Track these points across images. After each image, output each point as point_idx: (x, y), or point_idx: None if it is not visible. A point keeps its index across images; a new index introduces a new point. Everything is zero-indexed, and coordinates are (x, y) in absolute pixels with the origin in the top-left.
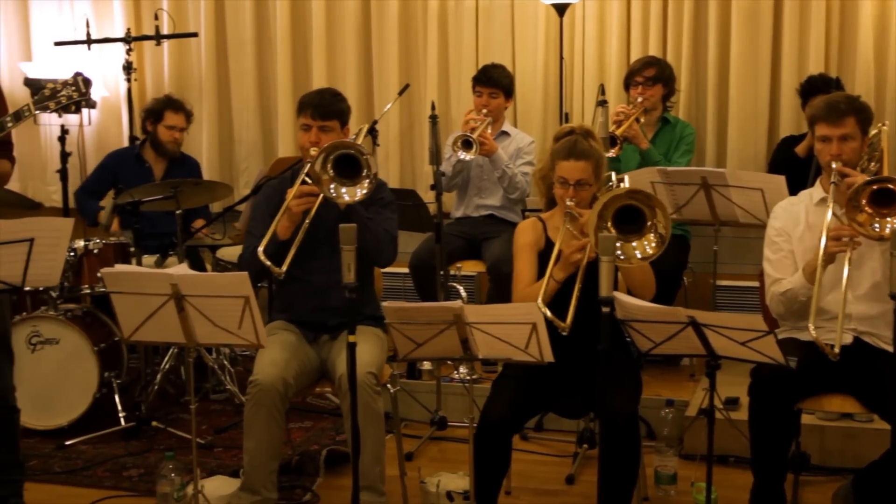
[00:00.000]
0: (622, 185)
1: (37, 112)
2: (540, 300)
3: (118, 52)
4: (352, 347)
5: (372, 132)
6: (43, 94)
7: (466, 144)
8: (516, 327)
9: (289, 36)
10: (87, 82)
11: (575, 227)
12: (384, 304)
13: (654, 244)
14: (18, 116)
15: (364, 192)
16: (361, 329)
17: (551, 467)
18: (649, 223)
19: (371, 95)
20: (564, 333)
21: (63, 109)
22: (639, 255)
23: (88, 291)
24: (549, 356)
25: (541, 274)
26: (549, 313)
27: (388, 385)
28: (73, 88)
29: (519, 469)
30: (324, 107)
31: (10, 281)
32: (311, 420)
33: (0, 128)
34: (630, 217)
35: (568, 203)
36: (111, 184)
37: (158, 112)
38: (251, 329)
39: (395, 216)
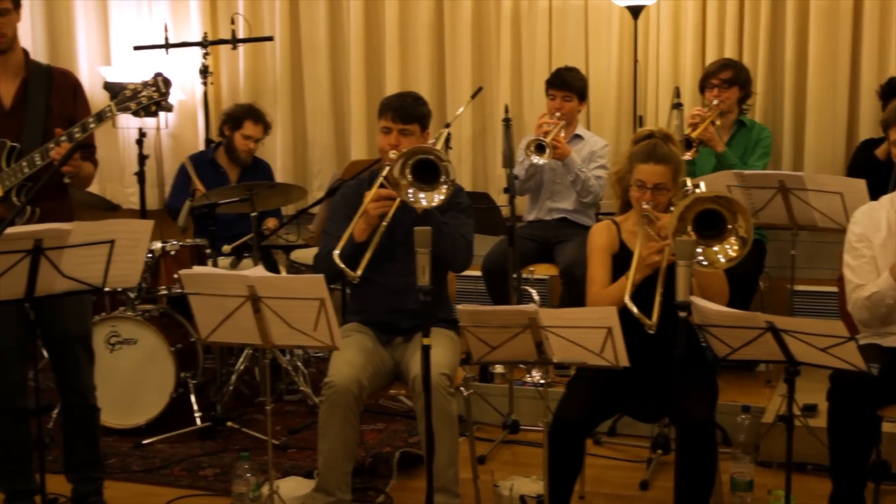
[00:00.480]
0: (698, 190)
1: (118, 113)
2: (627, 297)
3: (195, 55)
4: (426, 350)
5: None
6: (124, 94)
7: (539, 148)
8: (592, 331)
9: (362, 39)
10: (167, 83)
11: (652, 229)
12: (459, 307)
13: (735, 247)
14: (101, 117)
15: (441, 198)
16: (435, 332)
17: (625, 472)
18: (730, 227)
19: (444, 98)
20: (651, 332)
21: (143, 110)
22: (722, 259)
23: (165, 292)
24: (624, 361)
25: (615, 277)
26: (635, 309)
27: (462, 388)
28: (154, 89)
29: (592, 474)
30: (405, 110)
31: (91, 282)
32: (384, 422)
33: (83, 128)
34: (710, 222)
35: (645, 206)
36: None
37: (238, 119)
38: (326, 331)
39: (472, 221)
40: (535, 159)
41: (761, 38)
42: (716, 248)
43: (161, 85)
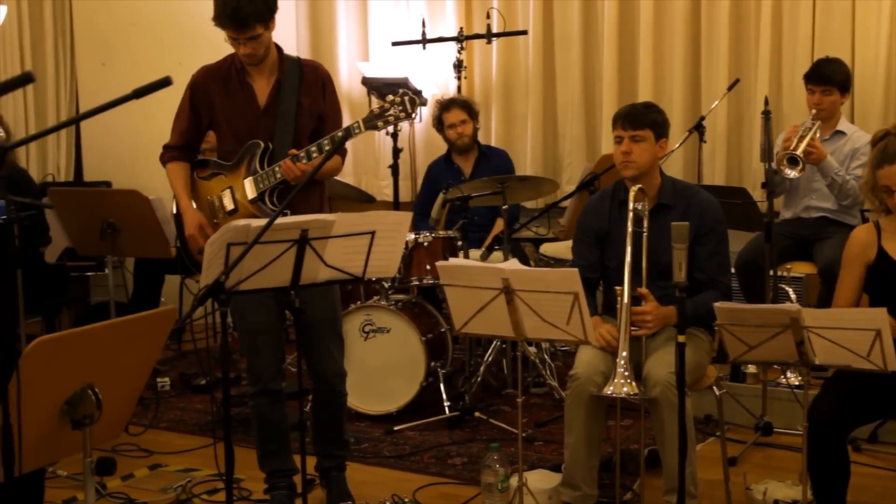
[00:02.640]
0: None
1: (366, 130)
2: None
3: (449, 50)
4: (681, 348)
5: (699, 128)
6: (372, 112)
7: (792, 161)
8: (858, 333)
9: (616, 31)
10: (414, 102)
11: None
12: (716, 304)
13: None
14: (349, 133)
15: None
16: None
17: (887, 482)
18: None
19: (698, 91)
20: None
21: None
22: None
23: (417, 283)
24: (893, 365)
25: (871, 289)
26: None
27: (714, 388)
28: (401, 108)
29: (852, 482)
30: (634, 116)
31: (351, 271)
32: (631, 418)
33: (332, 141)
34: None
35: None
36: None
37: (438, 118)
38: (579, 325)
39: (726, 246)
40: (789, 173)
41: None
42: None
43: (408, 105)
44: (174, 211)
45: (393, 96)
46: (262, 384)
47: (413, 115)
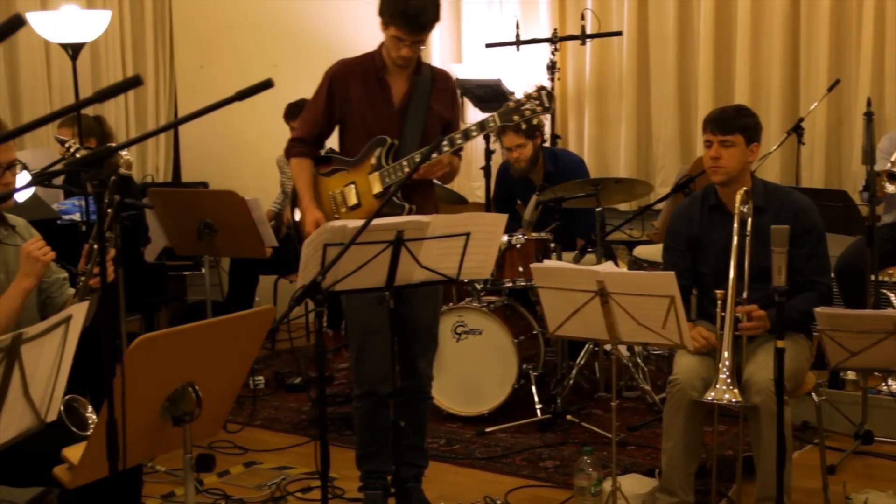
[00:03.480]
0: None
1: (501, 124)
2: None
3: (542, 51)
4: (780, 353)
5: (797, 130)
6: (508, 106)
7: (892, 177)
8: None
9: (712, 33)
10: (551, 97)
11: None
12: (817, 310)
13: None
14: (482, 127)
15: None
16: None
17: None
18: None
19: (797, 92)
20: None
21: (526, 121)
22: None
23: (510, 285)
24: None
25: None
26: None
27: (812, 394)
28: (537, 102)
29: None
30: (724, 120)
31: (446, 272)
32: (725, 424)
33: (465, 136)
34: None
35: None
36: (511, 196)
37: (498, 138)
38: (675, 329)
39: (825, 246)
40: (889, 188)
41: None
42: None
43: (545, 99)
44: (293, 203)
45: (529, 91)
46: (369, 386)
47: (550, 110)
